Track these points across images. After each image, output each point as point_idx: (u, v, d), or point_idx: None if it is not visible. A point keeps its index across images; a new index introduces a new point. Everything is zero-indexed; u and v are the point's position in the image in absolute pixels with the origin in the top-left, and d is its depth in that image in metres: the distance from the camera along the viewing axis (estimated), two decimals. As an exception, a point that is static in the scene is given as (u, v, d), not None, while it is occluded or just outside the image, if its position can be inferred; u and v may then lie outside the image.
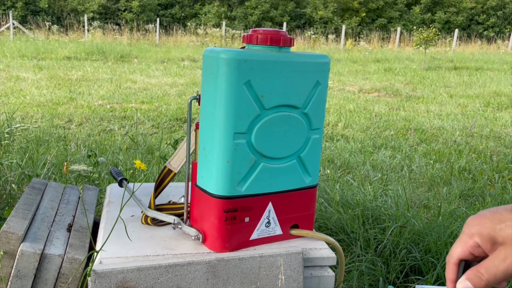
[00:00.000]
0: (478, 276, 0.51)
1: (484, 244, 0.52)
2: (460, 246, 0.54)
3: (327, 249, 1.20)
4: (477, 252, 0.53)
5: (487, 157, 3.73)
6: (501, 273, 0.50)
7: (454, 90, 7.87)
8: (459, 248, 0.54)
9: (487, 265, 0.51)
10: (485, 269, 0.51)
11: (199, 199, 1.13)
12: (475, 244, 0.53)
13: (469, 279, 0.52)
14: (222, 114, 1.01)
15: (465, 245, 0.54)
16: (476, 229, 0.53)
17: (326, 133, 4.62)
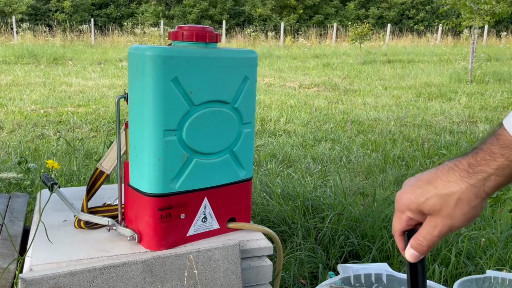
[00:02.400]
0: (419, 244, 0.58)
1: (416, 215, 0.59)
2: (397, 221, 0.61)
3: (264, 239, 1.22)
4: (413, 223, 0.60)
5: (419, 144, 3.94)
6: (436, 237, 0.57)
7: (388, 82, 8.22)
8: (397, 223, 0.61)
9: (423, 233, 0.58)
10: (423, 237, 0.58)
11: (132, 199, 1.12)
12: (408, 218, 0.59)
13: (413, 247, 0.59)
14: (151, 112, 1.01)
15: (400, 219, 0.60)
16: (405, 205, 0.59)
17: (269, 128, 4.68)
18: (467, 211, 0.54)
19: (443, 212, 0.55)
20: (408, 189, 0.59)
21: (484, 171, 0.53)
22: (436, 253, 1.75)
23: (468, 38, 17.20)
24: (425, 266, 0.60)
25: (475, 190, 0.54)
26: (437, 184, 0.56)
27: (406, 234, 0.61)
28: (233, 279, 1.13)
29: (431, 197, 0.56)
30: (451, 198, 0.55)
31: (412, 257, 0.58)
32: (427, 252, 0.58)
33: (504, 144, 0.52)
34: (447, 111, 5.56)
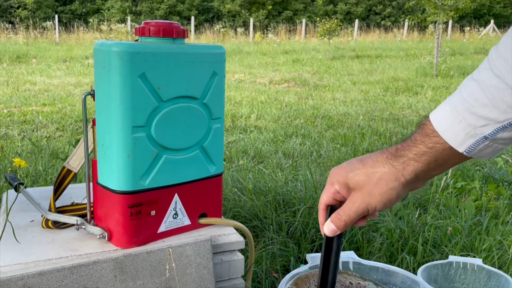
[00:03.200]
0: (338, 218, 0.60)
1: (342, 190, 0.61)
2: (325, 193, 0.63)
3: (236, 234, 1.23)
4: (338, 197, 0.62)
5: (387, 138, 4.02)
6: (354, 213, 0.59)
7: (357, 77, 8.35)
8: (324, 195, 0.63)
9: (344, 208, 0.60)
10: (343, 212, 0.60)
11: (101, 197, 1.11)
12: (335, 191, 0.62)
13: (332, 221, 0.61)
14: (118, 108, 1.00)
15: (328, 192, 0.63)
16: (335, 178, 0.62)
17: (240, 125, 4.69)
18: (385, 191, 0.57)
19: (364, 189, 0.58)
20: (343, 165, 0.62)
21: (405, 155, 0.57)
22: (403, 243, 1.80)
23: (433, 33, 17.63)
24: (340, 244, 0.61)
25: (395, 172, 0.57)
26: (366, 162, 0.60)
27: (329, 208, 0.62)
28: (205, 274, 1.13)
29: (358, 173, 0.59)
30: (374, 176, 0.58)
31: (330, 230, 0.60)
32: (344, 228, 0.59)
33: (425, 133, 0.56)
34: (414, 105, 5.69)
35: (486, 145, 0.52)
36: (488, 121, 0.51)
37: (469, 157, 0.54)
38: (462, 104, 0.53)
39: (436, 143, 0.55)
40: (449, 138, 0.54)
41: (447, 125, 0.54)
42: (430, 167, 0.56)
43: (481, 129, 0.52)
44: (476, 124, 0.52)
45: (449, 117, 0.54)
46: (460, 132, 0.53)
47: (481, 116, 0.51)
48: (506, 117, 0.50)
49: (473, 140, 0.52)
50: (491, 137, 0.51)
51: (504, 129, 0.51)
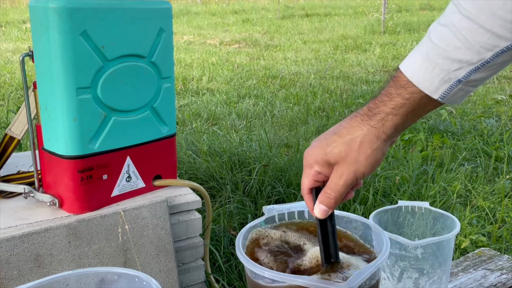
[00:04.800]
0: (327, 197, 0.57)
1: (323, 169, 0.57)
2: (306, 178, 0.59)
3: (192, 194, 1.23)
4: (320, 178, 0.58)
5: (338, 95, 4.09)
6: (342, 187, 0.56)
7: (307, 36, 8.35)
8: (305, 180, 0.59)
9: (330, 185, 0.57)
10: (330, 189, 0.57)
11: (49, 163, 1.07)
12: (315, 172, 0.58)
13: (321, 202, 0.57)
14: (60, 69, 0.95)
15: (308, 176, 0.58)
16: (313, 158, 0.58)
17: (192, 87, 4.61)
18: (370, 153, 0.56)
19: (348, 159, 0.56)
20: (315, 144, 0.59)
21: (382, 111, 0.55)
22: (355, 194, 1.87)
23: (380, -9, 17.75)
24: (334, 223, 0.59)
25: (375, 131, 0.55)
26: (341, 132, 0.57)
27: (314, 191, 0.59)
28: (163, 235, 1.13)
29: (336, 145, 0.56)
30: (354, 142, 0.56)
31: (321, 212, 0.57)
32: (335, 205, 0.57)
33: (400, 85, 0.54)
34: (363, 62, 5.79)
35: (459, 89, 0.53)
36: (462, 64, 0.51)
37: (442, 103, 0.54)
38: (433, 50, 0.52)
39: (412, 94, 0.54)
40: (424, 86, 0.53)
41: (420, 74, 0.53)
42: (408, 118, 0.55)
43: (455, 73, 0.52)
44: (450, 69, 0.52)
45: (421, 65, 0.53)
46: (435, 78, 0.52)
47: (455, 59, 0.51)
48: (479, 57, 0.50)
49: (447, 85, 0.52)
50: (465, 79, 0.52)
51: (477, 70, 0.51)
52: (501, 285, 0.84)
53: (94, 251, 1.04)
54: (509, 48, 0.50)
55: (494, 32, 0.49)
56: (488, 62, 0.51)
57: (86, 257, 1.03)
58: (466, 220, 1.69)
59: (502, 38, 0.49)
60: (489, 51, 0.50)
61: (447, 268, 0.75)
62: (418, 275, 0.73)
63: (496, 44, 0.50)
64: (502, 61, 0.51)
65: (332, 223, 0.58)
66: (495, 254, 0.94)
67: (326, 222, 0.57)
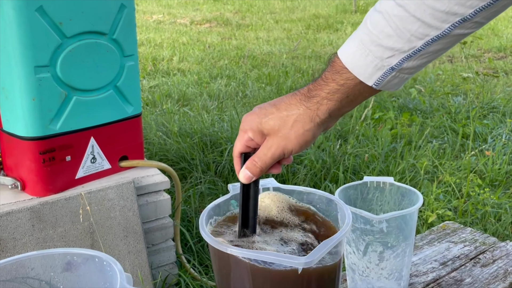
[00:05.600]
0: (253, 164, 0.59)
1: (255, 137, 0.59)
2: (239, 141, 0.61)
3: (160, 174, 1.21)
4: (252, 145, 0.60)
5: (310, 75, 4.10)
6: (269, 158, 0.58)
7: (279, 16, 8.29)
8: (238, 143, 0.61)
9: (259, 154, 0.59)
10: (258, 158, 0.59)
11: (9, 144, 1.03)
12: (248, 138, 0.59)
13: (247, 167, 0.59)
14: (16, 47, 0.91)
15: (242, 140, 0.60)
16: (248, 125, 0.59)
17: (162, 68, 4.53)
18: (301, 133, 0.57)
19: (280, 133, 0.57)
20: (255, 111, 0.59)
21: (318, 95, 0.56)
22: (326, 173, 1.88)
23: (352, -30, 17.72)
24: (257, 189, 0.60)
25: (310, 113, 0.56)
26: (280, 106, 0.58)
27: (243, 156, 0.61)
28: (131, 216, 1.11)
29: (272, 118, 0.57)
30: (289, 119, 0.57)
31: (245, 177, 0.59)
32: (260, 174, 0.59)
33: (335, 70, 0.55)
34: (335, 41, 5.80)
35: (393, 76, 0.53)
36: (394, 52, 0.51)
37: (378, 89, 0.55)
38: (368, 36, 0.52)
39: (347, 80, 0.54)
40: (358, 72, 0.53)
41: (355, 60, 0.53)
42: (342, 104, 0.56)
43: (388, 61, 0.52)
44: (382, 56, 0.52)
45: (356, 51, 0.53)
46: (368, 65, 0.53)
47: (387, 47, 0.51)
48: (411, 46, 0.50)
49: (381, 72, 0.53)
50: (398, 67, 0.52)
51: (409, 58, 0.52)
52: (463, 257, 0.87)
53: (59, 234, 1.02)
54: (439, 37, 0.50)
55: (424, 21, 0.49)
56: (420, 51, 0.51)
57: (51, 240, 1.01)
58: (433, 195, 1.73)
59: (432, 27, 0.49)
60: (420, 39, 0.50)
61: (411, 241, 0.77)
62: (382, 248, 0.74)
63: (426, 33, 0.49)
64: (434, 50, 0.51)
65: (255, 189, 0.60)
66: (459, 227, 0.97)
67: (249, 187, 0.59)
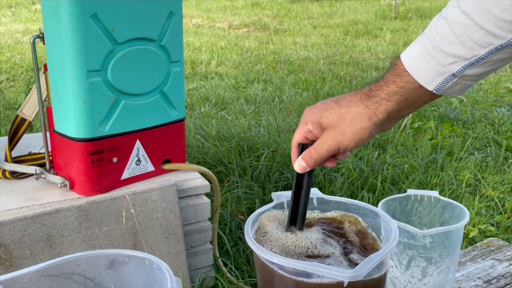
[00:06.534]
0: (309, 156, 0.61)
1: (315, 129, 0.62)
2: (298, 132, 0.64)
3: (200, 178, 1.24)
4: (310, 137, 0.63)
5: (347, 81, 4.06)
6: (325, 151, 0.61)
7: (317, 21, 8.27)
8: (297, 134, 0.64)
9: (315, 146, 0.61)
10: (314, 149, 0.61)
11: (60, 145, 1.07)
12: (308, 130, 0.62)
13: (303, 158, 0.62)
14: (71, 52, 0.95)
15: (301, 131, 0.63)
16: (309, 117, 0.62)
17: (200, 71, 4.60)
18: (358, 130, 0.59)
19: (337, 128, 0.59)
20: (317, 105, 0.63)
21: (377, 95, 0.58)
22: (363, 182, 1.87)
23: (392, -25, 17.45)
24: (311, 181, 0.63)
25: (368, 111, 0.58)
26: (341, 102, 0.60)
27: (300, 146, 0.64)
28: (172, 218, 1.14)
29: (332, 112, 0.60)
30: (348, 115, 0.59)
31: (300, 167, 0.61)
32: (314, 165, 0.61)
33: (396, 73, 0.56)
34: (373, 48, 5.73)
35: (455, 82, 0.54)
36: (456, 59, 0.52)
37: (439, 95, 0.55)
38: (431, 42, 0.53)
39: (407, 83, 0.55)
40: (419, 76, 0.54)
41: (416, 64, 0.54)
42: (401, 107, 0.58)
43: (449, 67, 0.52)
44: (444, 62, 0.52)
45: (418, 56, 0.54)
46: (430, 70, 0.53)
47: (449, 53, 0.52)
48: (473, 53, 0.51)
49: (442, 78, 0.53)
50: (459, 74, 0.52)
51: (471, 66, 0.52)
52: (509, 275, 0.84)
53: (104, 232, 1.06)
54: (504, 46, 0.49)
55: (488, 30, 0.49)
56: (483, 59, 0.51)
57: (97, 239, 1.05)
58: (475, 210, 1.68)
59: (496, 36, 0.49)
60: (483, 48, 0.50)
61: (455, 257, 0.75)
62: (426, 263, 0.73)
63: (490, 41, 0.49)
64: (499, 59, 0.51)
65: (308, 179, 0.62)
66: (504, 245, 0.94)
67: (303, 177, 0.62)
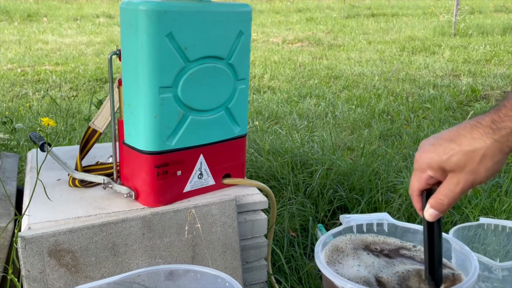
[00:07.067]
0: (439, 203, 0.59)
1: (436, 174, 0.60)
2: (417, 180, 0.62)
3: (259, 194, 1.24)
4: (432, 182, 0.61)
5: (403, 98, 3.97)
6: (458, 194, 0.59)
7: (372, 36, 8.16)
8: (416, 183, 0.62)
9: (444, 191, 0.59)
10: (444, 195, 0.59)
11: (128, 156, 1.12)
12: (428, 176, 0.61)
13: (433, 206, 0.60)
14: (146, 68, 0.99)
15: (420, 179, 0.61)
16: (426, 163, 0.60)
17: (253, 85, 4.65)
18: (490, 166, 0.56)
19: (467, 168, 0.56)
20: (429, 148, 0.59)
21: (508, 127, 0.54)
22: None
23: (451, -9, 17.00)
24: (441, 225, 0.61)
25: (499, 145, 0.55)
26: (460, 141, 0.57)
27: (424, 193, 0.61)
28: (230, 233, 1.15)
29: (455, 154, 0.57)
30: (476, 154, 0.56)
31: (432, 216, 0.59)
32: (446, 210, 0.59)
33: None
34: (431, 65, 5.58)
35: None
36: None
37: None
38: None
39: None
40: None
41: None
42: None
43: None
44: None
45: None
46: None
47: None
48: None
49: None
50: None
51: None
52: None
53: (165, 244, 1.08)
54: None
55: None
56: None
57: (158, 249, 1.08)
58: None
59: None
60: None
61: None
62: (500, 298, 0.70)
63: None
64: None
65: (439, 225, 0.60)
66: None
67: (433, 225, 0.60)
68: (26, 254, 0.95)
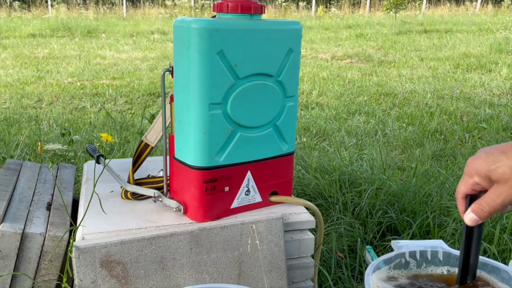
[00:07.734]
0: (481, 209, 0.61)
1: (482, 182, 0.62)
2: (463, 184, 0.64)
3: (306, 213, 1.23)
4: (477, 188, 0.63)
5: (458, 117, 3.83)
6: (499, 205, 0.60)
7: (424, 53, 7.96)
8: (462, 186, 0.65)
9: (487, 199, 0.61)
10: (486, 203, 0.61)
11: (178, 171, 1.14)
12: (474, 182, 0.62)
13: (474, 211, 0.62)
14: (197, 85, 1.01)
15: (467, 183, 0.64)
16: (474, 170, 0.62)
17: (301, 101, 4.64)
18: None
19: (510, 182, 0.58)
20: (482, 156, 0.61)
21: None
22: (478, 229, 1.72)
23: (509, 6, 16.38)
24: (481, 232, 0.63)
25: None
26: (509, 154, 0.59)
27: (468, 198, 0.64)
28: (277, 252, 1.14)
29: (501, 165, 0.58)
30: None
31: (471, 220, 0.61)
32: (486, 218, 0.61)
33: None
34: (487, 83, 5.36)
35: None
36: None
37: None
38: None
39: None
40: None
41: None
42: None
43: None
44: None
45: None
46: None
47: None
48: None
49: None
50: None
51: None
52: None
53: (212, 260, 1.09)
54: None
55: None
56: None
57: (204, 265, 1.08)
58: None
59: None
60: None
61: None
62: None
63: None
64: None
65: (479, 231, 0.63)
66: None
67: (473, 230, 0.63)
68: (79, 264, 0.98)
